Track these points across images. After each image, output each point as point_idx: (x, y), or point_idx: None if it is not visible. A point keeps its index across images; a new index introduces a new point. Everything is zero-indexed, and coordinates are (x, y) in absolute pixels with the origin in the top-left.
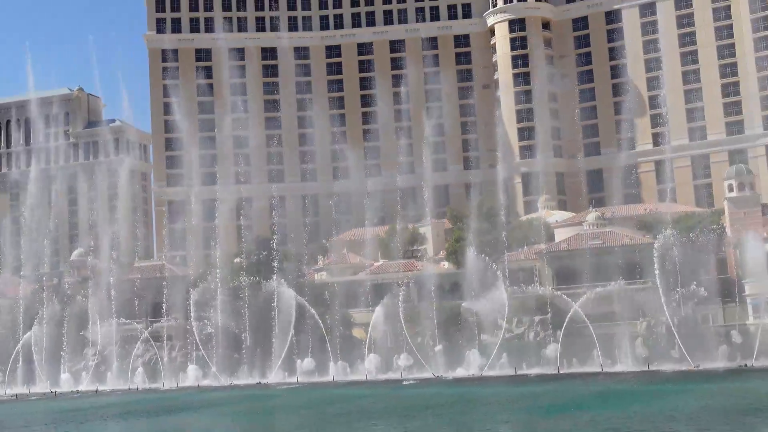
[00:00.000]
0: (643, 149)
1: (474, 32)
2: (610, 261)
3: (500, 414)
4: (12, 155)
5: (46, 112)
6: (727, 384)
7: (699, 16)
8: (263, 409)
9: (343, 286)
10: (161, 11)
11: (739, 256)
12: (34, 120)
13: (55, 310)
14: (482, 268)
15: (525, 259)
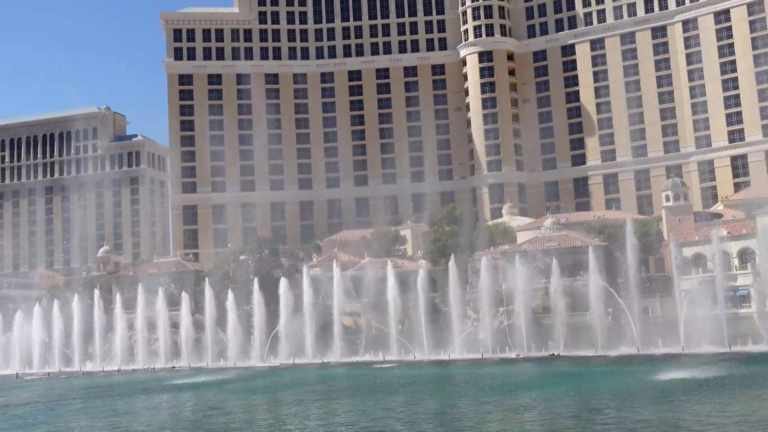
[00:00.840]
0: (593, 164)
1: (448, 62)
2: (565, 260)
3: (470, 391)
4: (47, 165)
5: (79, 128)
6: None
7: (641, 50)
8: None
9: (332, 281)
10: (179, 41)
11: (674, 256)
12: (67, 134)
13: (90, 299)
14: (454, 266)
15: (491, 258)
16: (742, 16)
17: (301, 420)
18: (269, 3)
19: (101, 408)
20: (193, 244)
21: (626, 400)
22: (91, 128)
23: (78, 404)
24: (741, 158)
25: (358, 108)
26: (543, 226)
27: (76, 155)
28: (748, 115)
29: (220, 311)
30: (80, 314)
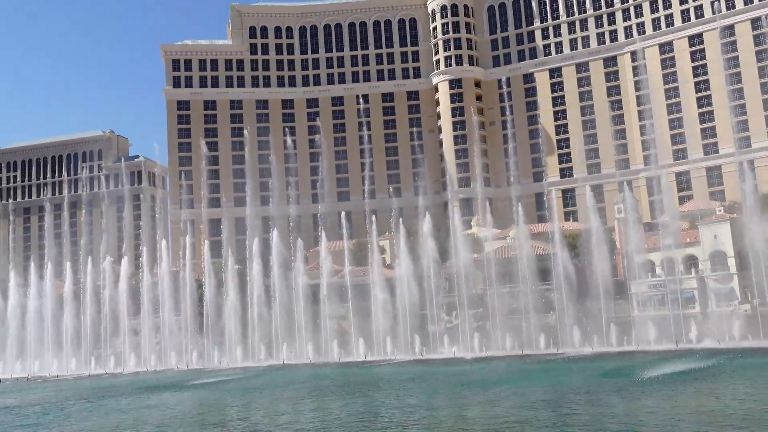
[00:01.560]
0: (553, 180)
1: (422, 89)
2: (528, 267)
3: (441, 387)
4: (56, 184)
5: (85, 150)
6: (608, 362)
7: (594, 78)
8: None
9: (318, 287)
10: (177, 70)
11: (627, 262)
12: (75, 156)
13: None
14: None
15: (461, 266)
16: (683, 47)
17: (295, 414)
18: (259, 35)
19: (103, 407)
20: (191, 255)
21: (584, 394)
22: (97, 150)
23: (84, 404)
24: (685, 174)
25: (340, 130)
26: (508, 236)
27: (82, 175)
28: (690, 136)
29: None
30: (90, 320)
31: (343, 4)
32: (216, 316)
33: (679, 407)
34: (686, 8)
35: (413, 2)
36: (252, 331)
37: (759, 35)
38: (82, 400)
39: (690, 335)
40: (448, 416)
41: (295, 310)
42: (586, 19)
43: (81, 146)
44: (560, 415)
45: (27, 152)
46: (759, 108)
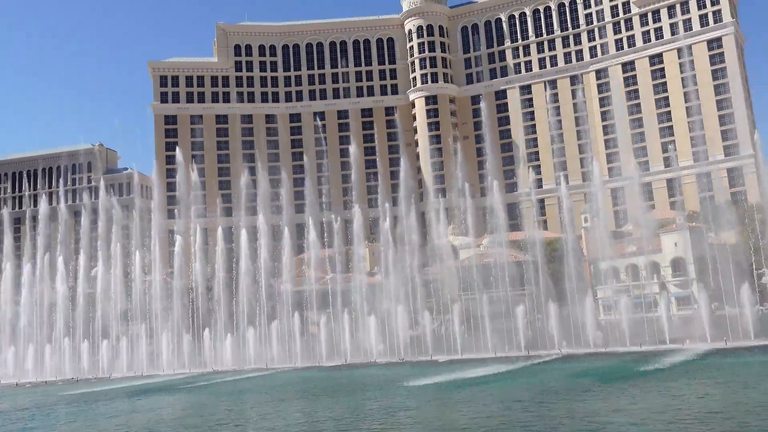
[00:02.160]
0: (524, 191)
1: (400, 105)
2: (499, 273)
3: (423, 391)
4: (46, 195)
5: (74, 162)
6: (582, 364)
7: (562, 95)
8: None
9: (302, 294)
10: (164, 86)
11: (593, 269)
12: (64, 168)
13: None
14: (405, 279)
15: (438, 272)
16: (644, 67)
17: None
18: (244, 53)
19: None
20: (180, 263)
21: (549, 394)
22: (86, 162)
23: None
24: (647, 185)
25: (321, 144)
26: (481, 244)
27: (72, 186)
28: (652, 150)
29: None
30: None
31: (324, 23)
32: (205, 321)
33: (643, 406)
34: (647, 30)
35: (391, 23)
36: (240, 335)
37: (714, 56)
38: (71, 404)
39: (653, 338)
40: (420, 415)
41: (279, 316)
42: (553, 39)
43: (71, 158)
44: (533, 414)
45: (17, 164)
46: (715, 123)
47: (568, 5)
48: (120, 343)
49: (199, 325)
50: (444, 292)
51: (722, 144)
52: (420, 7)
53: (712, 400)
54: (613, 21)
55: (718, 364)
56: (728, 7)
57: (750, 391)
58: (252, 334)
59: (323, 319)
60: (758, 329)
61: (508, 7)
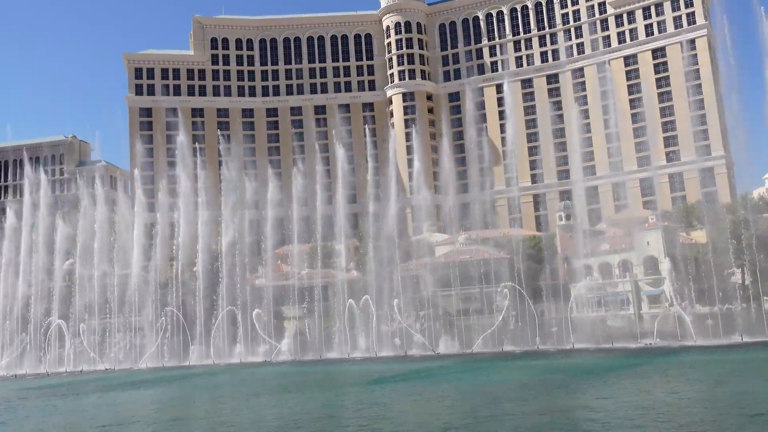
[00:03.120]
0: (499, 189)
1: (377, 101)
2: (475, 270)
3: (398, 384)
4: (16, 187)
5: (46, 154)
6: (551, 361)
7: (538, 94)
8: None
9: (277, 289)
10: (140, 79)
11: (567, 266)
12: (36, 159)
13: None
14: (381, 275)
15: (413, 269)
16: (619, 67)
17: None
18: (221, 47)
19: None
20: (152, 257)
21: (527, 389)
22: (58, 154)
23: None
24: (620, 185)
25: (299, 139)
26: (457, 241)
27: (46, 177)
28: (626, 150)
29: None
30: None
31: (301, 18)
32: (177, 316)
33: (615, 401)
34: (622, 30)
35: (368, 18)
36: (217, 330)
37: (687, 57)
38: (42, 398)
39: (624, 335)
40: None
41: (253, 311)
42: (530, 38)
43: (42, 150)
44: (511, 409)
45: None
46: (687, 124)
47: (545, 4)
48: (90, 338)
49: (176, 320)
50: (420, 289)
51: (694, 145)
52: (398, 4)
53: (680, 396)
54: (589, 21)
55: (687, 361)
56: (702, 10)
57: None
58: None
59: (299, 314)
60: (726, 328)
61: (486, 6)
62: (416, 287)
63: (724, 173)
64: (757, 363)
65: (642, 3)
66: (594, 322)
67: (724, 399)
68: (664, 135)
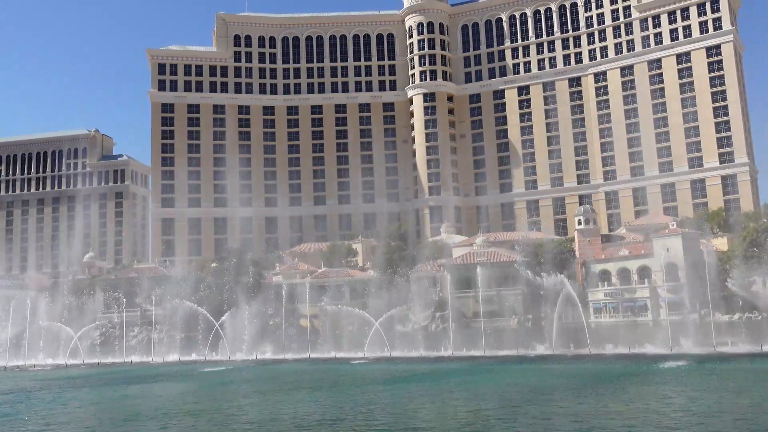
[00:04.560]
0: (518, 191)
1: (398, 101)
2: (493, 273)
3: (416, 385)
4: (40, 179)
5: (70, 147)
6: (572, 365)
7: (560, 97)
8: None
9: (293, 287)
10: (162, 74)
11: (585, 271)
12: (59, 152)
13: (67, 301)
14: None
15: (431, 270)
16: (643, 71)
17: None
18: (244, 44)
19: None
20: (171, 252)
21: (538, 394)
22: (81, 148)
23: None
24: (641, 190)
25: (318, 137)
26: (475, 243)
27: (66, 171)
28: (647, 154)
29: (188, 311)
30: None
31: (324, 17)
32: (196, 311)
33: (630, 408)
34: (647, 35)
35: (391, 18)
36: (233, 328)
37: (712, 63)
38: (58, 390)
39: (642, 341)
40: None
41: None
42: (553, 41)
43: (66, 143)
44: (513, 413)
45: (12, 147)
46: (711, 130)
47: (569, 7)
48: (108, 331)
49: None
50: (436, 290)
51: (717, 151)
52: (421, 4)
53: (701, 404)
54: (614, 25)
55: (707, 369)
56: (728, 15)
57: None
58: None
59: (314, 312)
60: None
61: (509, 7)
62: (432, 288)
63: (747, 180)
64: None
65: (668, 7)
66: (611, 327)
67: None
68: (687, 141)
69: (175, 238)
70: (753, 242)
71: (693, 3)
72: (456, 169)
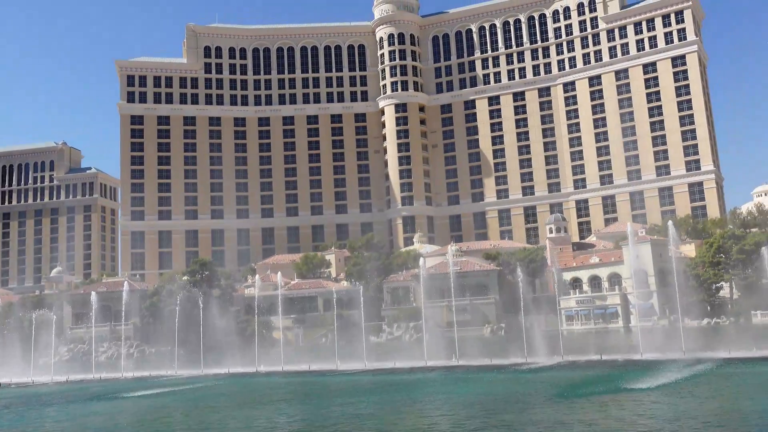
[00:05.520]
0: (490, 201)
1: (369, 112)
2: (465, 282)
3: (371, 395)
4: (5, 193)
5: (37, 160)
6: (547, 374)
7: (530, 106)
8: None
9: (266, 299)
10: (132, 86)
11: (556, 279)
12: (26, 166)
13: (34, 315)
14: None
15: (403, 280)
16: (610, 81)
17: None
18: (214, 55)
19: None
20: (140, 265)
21: (516, 402)
22: (49, 161)
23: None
24: (610, 198)
25: (290, 149)
26: (447, 252)
27: (34, 185)
28: (615, 163)
29: (159, 325)
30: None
31: (295, 28)
32: (167, 326)
33: (596, 416)
34: (614, 45)
35: (362, 30)
36: (201, 340)
37: (677, 72)
38: (21, 407)
39: (613, 348)
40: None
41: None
42: (522, 51)
43: (33, 156)
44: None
45: None
46: (678, 139)
47: (537, 18)
48: (74, 347)
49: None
50: (409, 300)
51: (684, 159)
52: (391, 15)
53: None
54: (581, 36)
55: (677, 375)
56: (692, 26)
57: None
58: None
59: (287, 324)
60: (716, 342)
61: (479, 19)
62: (406, 298)
63: (714, 188)
64: (743, 377)
65: (633, 18)
66: (583, 334)
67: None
68: (655, 149)
69: (146, 251)
70: (720, 248)
71: (658, 14)
72: (428, 179)
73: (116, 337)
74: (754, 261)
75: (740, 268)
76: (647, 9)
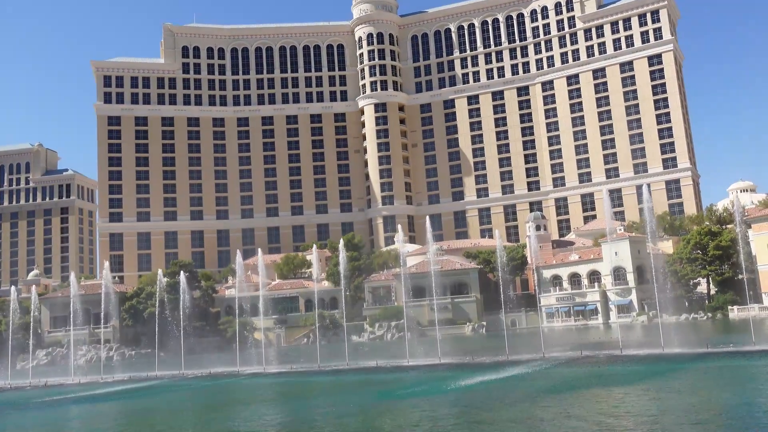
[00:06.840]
0: (470, 199)
1: (349, 111)
2: (446, 281)
3: (350, 396)
4: None
5: (12, 162)
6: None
7: (509, 105)
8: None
9: (247, 300)
10: (108, 86)
11: (536, 277)
12: (2, 167)
13: (10, 318)
14: (352, 286)
15: (385, 280)
16: (588, 80)
17: None
18: (192, 55)
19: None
20: (119, 268)
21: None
22: (24, 163)
23: None
24: (589, 196)
25: (270, 149)
26: (428, 251)
27: (9, 187)
28: (594, 161)
29: (139, 328)
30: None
31: (273, 28)
32: (144, 327)
33: (576, 409)
34: (591, 44)
35: (341, 29)
36: (181, 342)
37: (654, 71)
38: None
39: (593, 344)
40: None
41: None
42: (501, 51)
43: (8, 158)
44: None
45: None
46: (654, 137)
47: (515, 18)
48: (52, 350)
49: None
50: (391, 299)
51: (661, 157)
52: (370, 15)
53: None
54: (559, 35)
55: (654, 370)
56: (668, 26)
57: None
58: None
59: (268, 324)
60: (694, 337)
61: (458, 18)
62: (387, 298)
63: (690, 185)
64: (719, 372)
65: (610, 18)
66: (563, 331)
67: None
68: (632, 147)
69: (124, 253)
70: (696, 245)
71: (634, 14)
72: (408, 179)
73: (95, 340)
74: (731, 257)
75: (717, 264)
76: (624, 8)
